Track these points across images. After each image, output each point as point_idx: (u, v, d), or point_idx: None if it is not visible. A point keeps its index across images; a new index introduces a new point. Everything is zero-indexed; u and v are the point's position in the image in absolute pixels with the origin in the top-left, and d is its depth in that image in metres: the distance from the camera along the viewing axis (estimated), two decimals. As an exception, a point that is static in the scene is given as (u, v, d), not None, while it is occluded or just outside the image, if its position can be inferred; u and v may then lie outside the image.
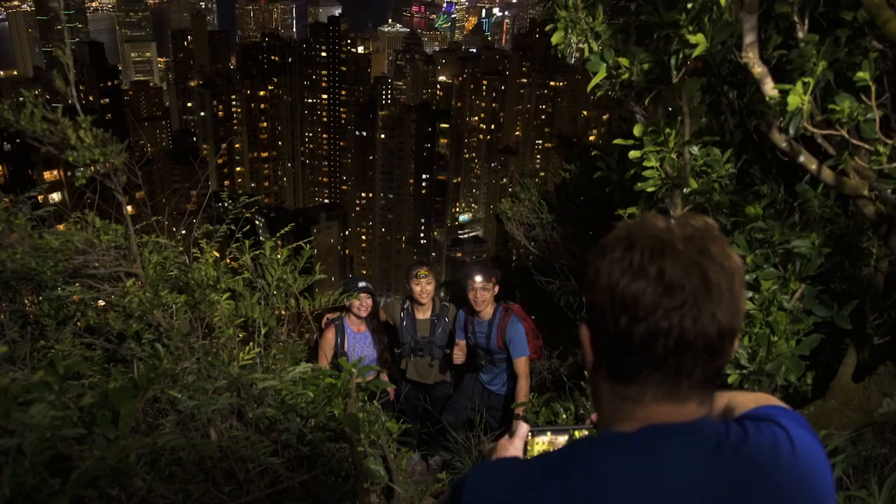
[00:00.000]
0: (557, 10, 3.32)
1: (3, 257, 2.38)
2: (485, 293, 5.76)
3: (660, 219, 1.23)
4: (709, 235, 1.18)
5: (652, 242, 1.16)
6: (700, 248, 1.15)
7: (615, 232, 1.26)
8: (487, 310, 5.86)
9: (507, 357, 5.87)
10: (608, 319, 1.19)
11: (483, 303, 5.78)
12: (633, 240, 1.18)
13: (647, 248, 1.16)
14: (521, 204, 6.61)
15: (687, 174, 3.60)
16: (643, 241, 1.17)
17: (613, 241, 1.22)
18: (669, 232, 1.18)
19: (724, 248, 1.19)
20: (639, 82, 3.30)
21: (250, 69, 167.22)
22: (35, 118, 2.26)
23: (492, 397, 6.14)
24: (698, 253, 1.15)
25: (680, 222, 1.21)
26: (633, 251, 1.17)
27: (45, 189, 4.70)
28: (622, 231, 1.23)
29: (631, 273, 1.15)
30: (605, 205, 5.17)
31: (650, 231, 1.19)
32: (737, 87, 4.56)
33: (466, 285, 5.82)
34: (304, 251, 4.82)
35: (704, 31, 2.92)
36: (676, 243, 1.16)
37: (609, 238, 1.25)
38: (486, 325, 5.87)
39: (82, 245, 2.54)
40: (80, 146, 2.35)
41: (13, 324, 3.65)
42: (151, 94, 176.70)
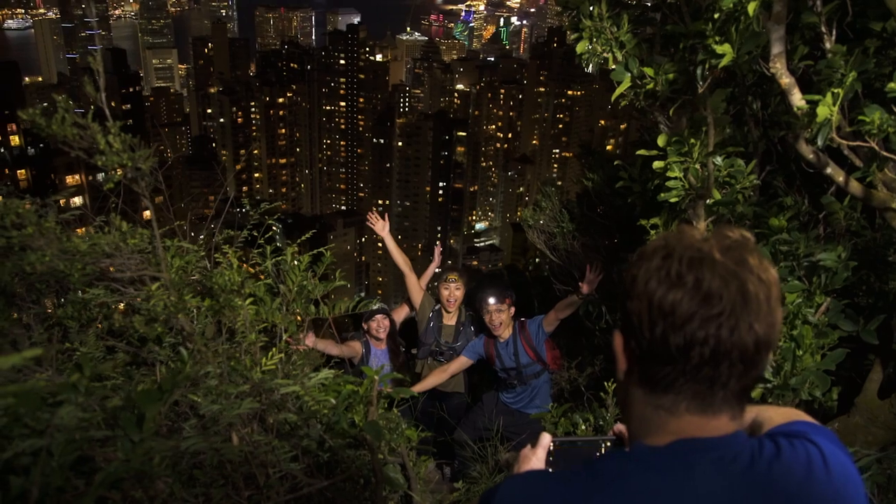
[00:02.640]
0: (582, 19, 3.32)
1: (33, 259, 2.40)
2: (500, 315, 5.70)
3: (697, 230, 1.23)
4: (747, 247, 1.18)
5: (690, 252, 1.16)
6: (738, 258, 1.15)
7: (653, 242, 1.26)
8: (506, 331, 5.82)
9: (541, 370, 5.83)
10: (644, 327, 1.19)
11: (500, 325, 5.72)
12: (672, 249, 1.18)
13: (685, 257, 1.16)
14: (542, 212, 6.59)
15: (710, 185, 3.58)
16: (681, 251, 1.17)
17: (651, 251, 1.22)
18: (707, 243, 1.17)
19: (762, 260, 1.18)
20: (663, 92, 3.28)
21: (269, 76, 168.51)
22: (66, 123, 2.28)
23: (515, 415, 6.06)
24: (736, 264, 1.14)
25: (718, 234, 1.21)
26: (671, 260, 1.16)
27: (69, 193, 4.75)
28: (660, 241, 1.23)
29: (668, 282, 1.15)
30: (626, 215, 5.15)
31: (688, 241, 1.18)
32: (761, 98, 4.54)
33: (481, 309, 5.76)
34: (324, 258, 4.84)
35: (731, 42, 2.91)
36: (714, 254, 1.15)
37: (647, 247, 1.25)
38: (510, 343, 5.82)
39: (109, 249, 2.56)
40: (109, 151, 2.37)
41: (39, 326, 3.69)
42: (172, 100, 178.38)
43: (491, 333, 5.84)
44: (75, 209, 3.92)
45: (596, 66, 3.46)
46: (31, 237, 2.37)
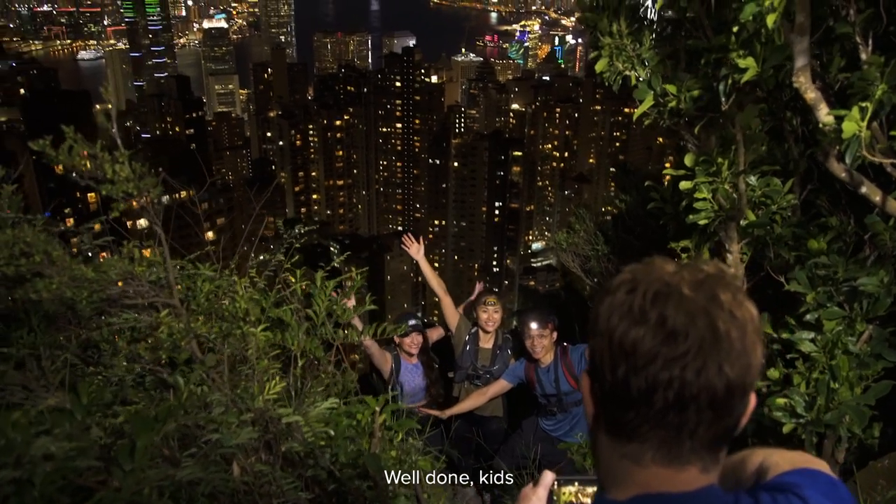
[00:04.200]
0: (601, 37, 3.23)
1: (40, 287, 2.43)
2: (542, 340, 5.60)
3: (670, 263, 1.14)
4: (721, 281, 1.08)
5: (656, 286, 1.07)
6: (709, 293, 1.05)
7: (620, 275, 1.18)
8: (548, 356, 5.72)
9: (582, 399, 5.69)
10: (606, 368, 1.10)
11: (542, 350, 5.62)
12: (637, 283, 1.09)
13: (650, 291, 1.06)
14: (576, 235, 6.47)
15: (743, 206, 3.43)
16: (647, 285, 1.08)
17: (617, 285, 1.13)
18: (677, 276, 1.08)
19: (738, 295, 1.08)
20: (688, 110, 3.16)
21: (327, 99, 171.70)
22: (74, 153, 2.30)
23: (555, 443, 5.93)
24: (706, 299, 1.04)
25: (690, 267, 1.12)
26: (635, 295, 1.07)
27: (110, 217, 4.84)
28: (627, 274, 1.15)
29: (630, 318, 1.06)
30: (661, 237, 5.00)
31: (656, 275, 1.09)
32: (800, 113, 4.36)
33: (523, 333, 5.67)
34: (354, 281, 4.82)
35: (755, 55, 2.78)
36: (683, 288, 1.06)
37: (613, 281, 1.17)
38: (550, 370, 5.72)
39: (118, 276, 2.58)
40: (117, 180, 2.39)
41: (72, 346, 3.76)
42: (233, 124, 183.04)
43: (532, 357, 5.74)
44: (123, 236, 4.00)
45: (618, 84, 3.37)
46: (41, 265, 2.40)
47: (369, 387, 6.35)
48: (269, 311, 3.94)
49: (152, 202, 2.42)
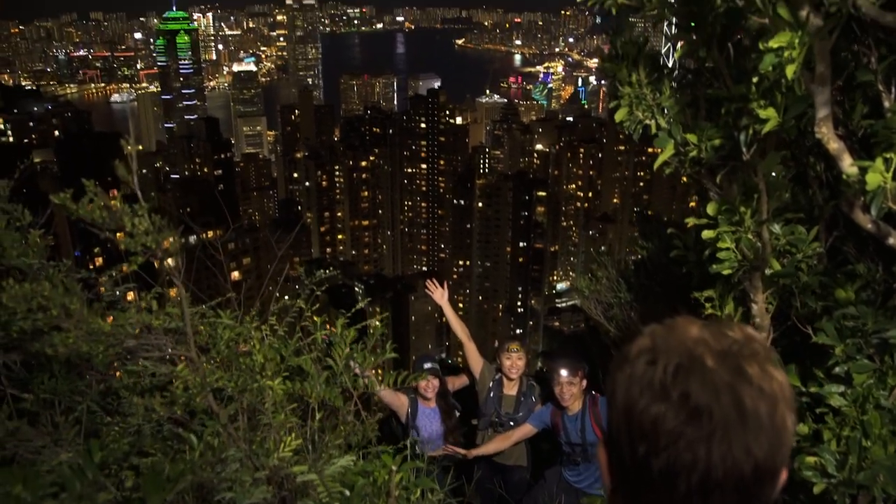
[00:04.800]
0: (620, 87, 3.23)
1: (56, 342, 2.44)
2: (572, 388, 5.51)
3: (694, 326, 1.09)
4: (747, 351, 1.02)
5: (678, 357, 1.02)
6: (735, 367, 0.99)
7: (640, 340, 1.12)
8: (576, 404, 5.62)
9: None
10: (624, 444, 1.05)
11: (570, 398, 5.53)
12: (658, 353, 1.04)
13: (671, 364, 1.01)
14: (598, 282, 6.42)
15: (767, 255, 3.36)
16: (668, 356, 1.03)
17: (636, 353, 1.08)
18: (700, 345, 1.03)
19: (767, 366, 1.02)
20: (709, 159, 3.13)
21: (353, 140, 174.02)
22: (94, 206, 2.32)
23: (578, 494, 5.80)
24: (732, 373, 0.99)
25: (716, 332, 1.06)
26: (656, 368, 1.02)
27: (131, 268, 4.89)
28: (647, 340, 1.09)
29: (651, 393, 1.01)
30: (684, 284, 4.94)
31: (677, 343, 1.04)
32: (824, 159, 4.31)
33: (552, 379, 5.58)
34: (375, 329, 4.80)
35: (776, 105, 2.75)
36: (707, 359, 1.01)
37: (632, 347, 1.12)
38: (578, 418, 5.61)
39: (134, 330, 2.58)
40: (136, 233, 2.40)
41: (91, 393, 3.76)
42: (260, 165, 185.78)
43: (560, 404, 5.64)
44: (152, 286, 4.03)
45: (638, 133, 3.35)
46: (58, 318, 2.42)
47: (389, 431, 6.28)
48: (288, 360, 3.93)
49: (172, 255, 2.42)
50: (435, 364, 6.14)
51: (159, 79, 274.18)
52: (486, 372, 6.23)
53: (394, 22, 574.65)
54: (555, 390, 5.54)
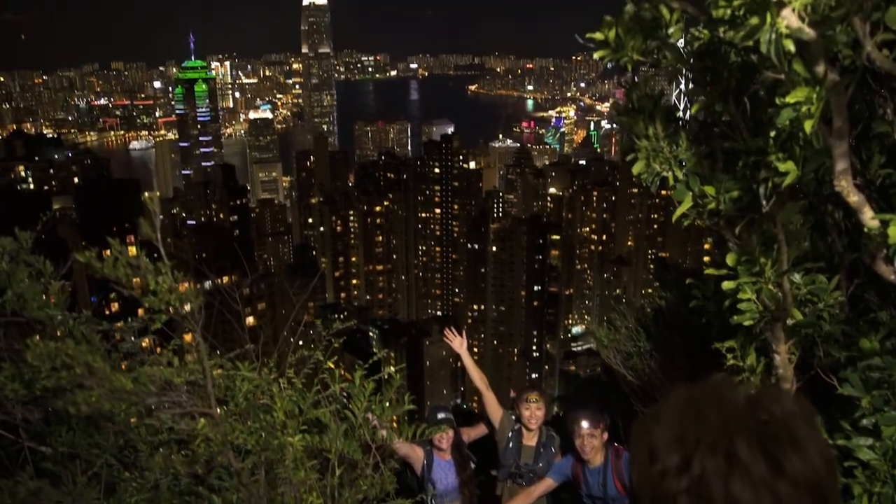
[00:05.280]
0: (637, 140, 3.25)
1: (79, 400, 2.45)
2: (593, 440, 5.38)
3: (725, 402, 1.03)
4: (785, 435, 0.98)
5: (712, 455, 0.97)
6: (772, 459, 0.96)
7: (669, 425, 1.05)
8: (598, 457, 5.49)
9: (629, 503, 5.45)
10: None
11: (591, 451, 5.39)
12: (689, 447, 0.99)
13: (706, 464, 0.97)
14: (616, 331, 6.37)
15: (788, 305, 3.34)
16: (702, 453, 0.98)
17: (665, 445, 1.02)
18: (735, 430, 0.98)
19: (807, 449, 0.97)
20: (727, 210, 3.13)
21: (367, 186, 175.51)
22: (119, 265, 2.35)
23: None
24: (770, 467, 0.95)
25: (751, 411, 1.00)
26: (692, 465, 0.98)
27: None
28: (676, 426, 1.03)
29: (688, 499, 0.97)
30: (704, 334, 4.90)
31: (710, 429, 0.99)
32: (842, 207, 4.29)
33: (572, 431, 5.47)
34: (393, 380, 4.77)
35: (794, 159, 2.76)
36: (742, 451, 0.95)
37: (660, 437, 1.03)
38: (599, 471, 5.49)
39: (156, 388, 2.58)
40: (160, 291, 2.43)
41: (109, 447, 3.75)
42: (276, 210, 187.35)
43: (580, 455, 5.53)
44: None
45: (655, 185, 3.37)
46: (81, 377, 2.43)
47: (403, 483, 6.20)
48: (307, 413, 3.91)
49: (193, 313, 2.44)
50: (449, 414, 6.08)
51: (177, 126, 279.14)
52: (506, 422, 6.16)
53: (407, 69, 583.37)
54: (575, 442, 5.42)
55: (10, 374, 2.51)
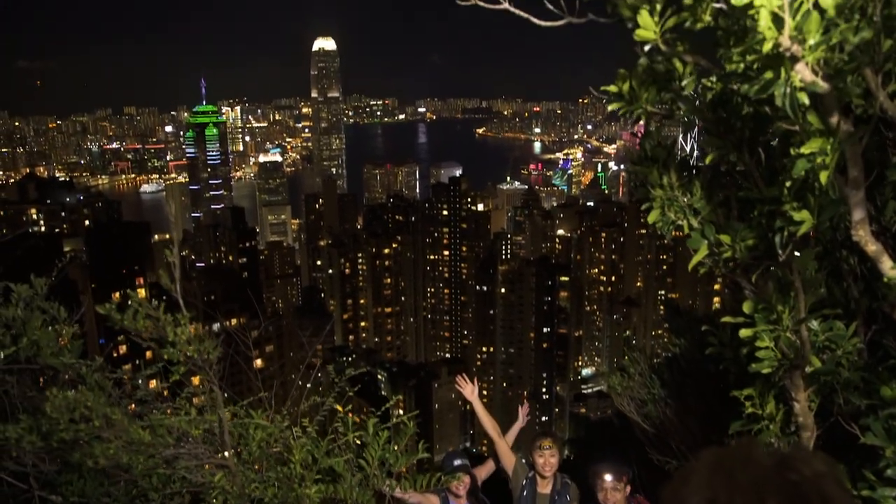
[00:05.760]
0: (651, 189, 3.27)
1: (98, 453, 2.44)
2: (616, 494, 5.31)
3: (755, 466, 1.02)
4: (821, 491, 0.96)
5: None
6: None
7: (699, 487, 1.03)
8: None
9: None
10: None
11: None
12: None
13: None
14: (630, 379, 6.32)
15: (807, 353, 3.32)
16: None
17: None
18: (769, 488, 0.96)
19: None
20: (743, 259, 3.14)
21: (376, 228, 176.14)
22: (139, 317, 2.36)
23: None
24: None
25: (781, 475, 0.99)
26: None
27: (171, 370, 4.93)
28: (707, 489, 1.01)
29: None
30: (720, 381, 4.85)
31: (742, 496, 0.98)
32: (857, 253, 4.28)
33: (595, 484, 5.40)
34: (406, 428, 4.74)
35: (809, 208, 2.77)
36: None
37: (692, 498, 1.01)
38: None
39: (173, 440, 2.58)
40: (178, 342, 2.43)
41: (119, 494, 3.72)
42: (284, 253, 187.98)
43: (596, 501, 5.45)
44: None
45: (671, 233, 3.38)
46: (99, 429, 2.42)
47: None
48: (321, 462, 3.88)
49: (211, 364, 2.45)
50: (465, 461, 6.04)
51: (188, 169, 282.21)
52: (520, 469, 6.09)
53: (415, 113, 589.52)
54: (598, 496, 5.35)
55: (27, 425, 2.50)
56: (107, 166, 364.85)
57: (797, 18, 2.17)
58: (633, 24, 2.59)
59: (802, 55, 2.22)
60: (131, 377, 4.17)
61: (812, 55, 2.23)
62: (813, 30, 2.17)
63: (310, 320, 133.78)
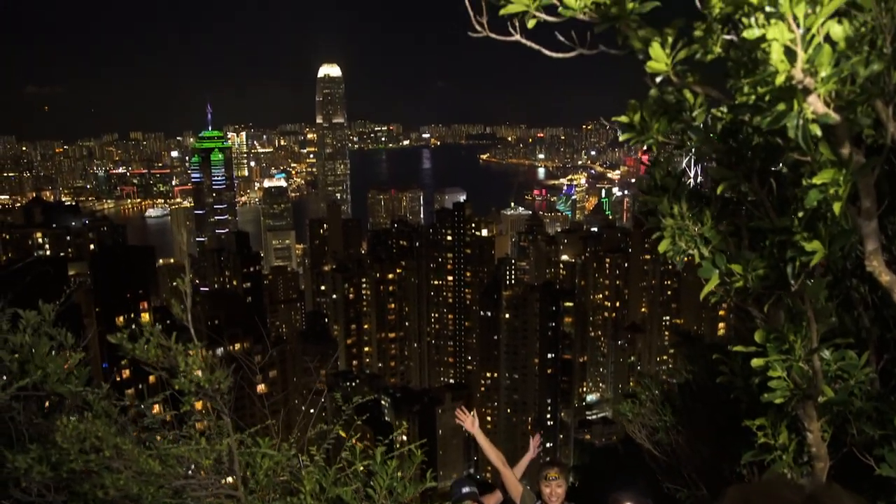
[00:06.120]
0: (662, 219, 3.28)
1: (108, 484, 2.42)
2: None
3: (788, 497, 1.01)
4: None
5: None
6: None
7: None
8: None
9: None
10: None
11: None
12: None
13: None
14: (642, 406, 6.28)
15: (819, 383, 3.30)
16: None
17: None
18: None
19: None
20: (755, 288, 3.13)
21: (380, 253, 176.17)
22: (150, 346, 2.36)
23: None
24: None
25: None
26: None
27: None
28: None
29: None
30: (731, 408, 4.82)
31: None
32: (868, 281, 4.27)
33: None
34: (414, 456, 4.72)
35: (820, 238, 2.77)
36: None
37: None
38: None
39: (183, 470, 2.56)
40: (190, 372, 2.43)
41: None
42: (288, 277, 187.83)
43: None
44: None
45: (682, 262, 3.38)
46: (110, 459, 2.41)
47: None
48: (329, 491, 3.86)
49: (222, 394, 2.44)
50: (473, 488, 6.00)
51: (193, 194, 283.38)
52: (527, 498, 6.04)
53: (420, 138, 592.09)
54: None
55: (36, 455, 2.50)
56: (112, 191, 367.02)
57: (809, 51, 2.19)
58: (643, 55, 2.62)
59: (815, 87, 2.24)
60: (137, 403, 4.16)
61: (824, 87, 2.25)
62: (825, 62, 2.19)
63: (313, 346, 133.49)
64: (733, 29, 2.57)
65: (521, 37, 2.79)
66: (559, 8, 2.69)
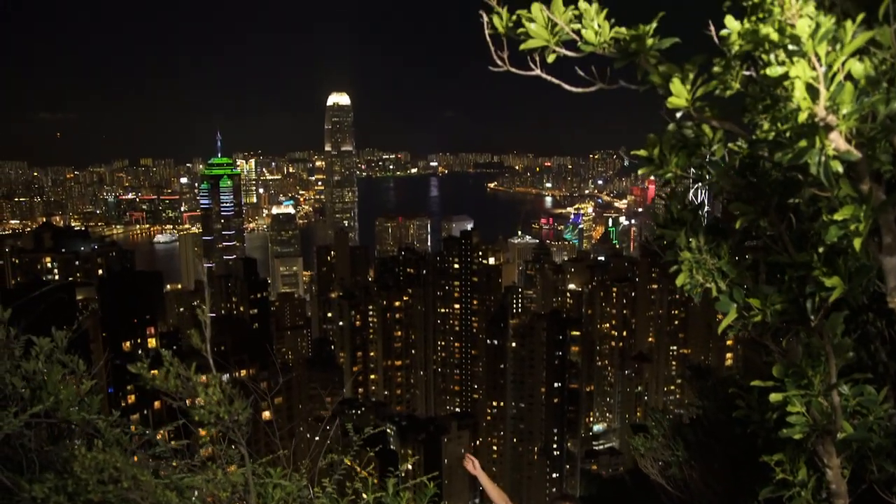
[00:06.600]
0: (679, 252, 3.28)
1: (125, 515, 2.41)
2: None
3: None
4: None
5: None
6: None
7: None
8: None
9: None
10: None
11: None
12: None
13: None
14: (654, 440, 6.22)
15: (839, 418, 3.27)
16: None
17: None
18: None
19: None
20: (773, 323, 3.12)
21: (387, 281, 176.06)
22: (170, 377, 2.36)
23: None
24: None
25: None
26: None
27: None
28: None
29: None
30: (747, 444, 4.77)
31: None
32: (885, 316, 4.25)
33: None
34: (427, 489, 4.69)
35: (840, 274, 2.76)
36: None
37: None
38: None
39: (199, 501, 2.55)
40: (209, 403, 2.43)
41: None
42: (295, 304, 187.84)
43: None
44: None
45: (699, 296, 3.37)
46: (128, 490, 2.41)
47: None
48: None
49: (240, 425, 2.43)
50: None
51: (201, 220, 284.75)
52: None
53: (428, 167, 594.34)
54: None
55: (53, 485, 2.49)
56: (122, 216, 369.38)
57: (831, 89, 2.20)
58: (664, 90, 2.64)
59: (837, 124, 2.25)
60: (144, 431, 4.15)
61: (846, 124, 2.26)
62: (847, 100, 2.20)
63: (319, 373, 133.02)
64: (752, 65, 2.59)
65: (541, 71, 2.82)
66: (579, 43, 2.72)
